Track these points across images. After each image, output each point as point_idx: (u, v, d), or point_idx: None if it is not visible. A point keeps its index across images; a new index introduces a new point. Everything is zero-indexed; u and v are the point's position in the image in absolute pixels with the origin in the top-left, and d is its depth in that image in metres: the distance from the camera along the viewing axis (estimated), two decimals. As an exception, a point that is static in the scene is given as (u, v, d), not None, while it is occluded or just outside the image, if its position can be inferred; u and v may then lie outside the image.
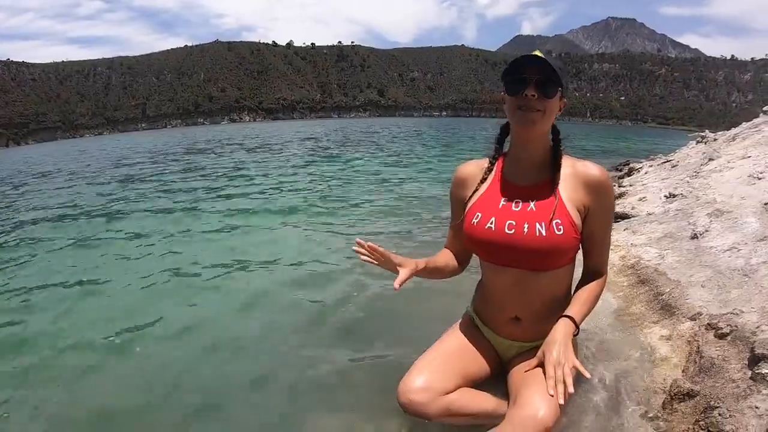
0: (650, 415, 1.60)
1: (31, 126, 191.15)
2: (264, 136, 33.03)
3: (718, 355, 1.70)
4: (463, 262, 1.84)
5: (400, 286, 1.51)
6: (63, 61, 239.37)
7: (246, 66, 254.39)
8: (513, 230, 1.48)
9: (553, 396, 1.32)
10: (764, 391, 1.44)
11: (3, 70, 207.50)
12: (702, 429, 1.42)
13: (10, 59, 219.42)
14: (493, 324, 1.71)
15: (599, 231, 1.55)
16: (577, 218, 1.48)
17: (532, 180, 1.55)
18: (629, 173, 6.13)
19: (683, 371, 1.75)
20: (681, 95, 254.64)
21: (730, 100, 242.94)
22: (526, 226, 1.47)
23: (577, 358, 1.54)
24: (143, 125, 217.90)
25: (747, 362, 1.61)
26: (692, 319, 2.03)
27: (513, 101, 1.46)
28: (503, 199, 1.56)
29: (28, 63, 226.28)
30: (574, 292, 1.62)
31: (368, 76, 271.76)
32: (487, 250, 1.58)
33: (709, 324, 1.88)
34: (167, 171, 13.72)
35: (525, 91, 1.42)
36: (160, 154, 22.57)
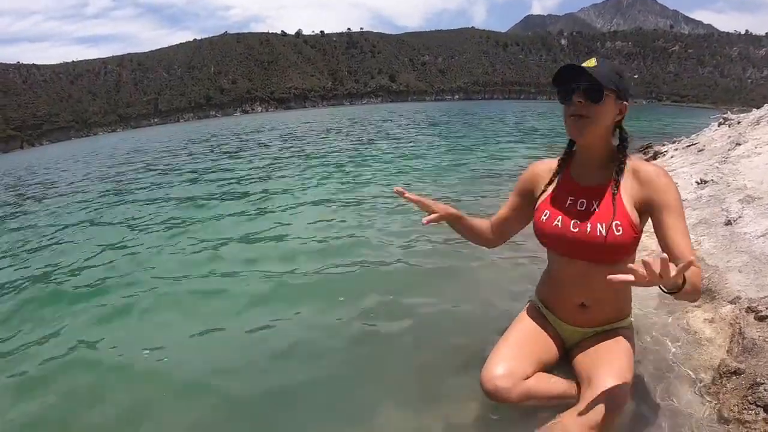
0: (702, 392, 1.75)
1: (44, 127, 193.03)
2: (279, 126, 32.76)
3: (759, 336, 1.85)
4: (499, 238, 2.01)
5: (428, 222, 1.74)
6: (73, 61, 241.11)
7: (256, 57, 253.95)
8: (577, 228, 1.62)
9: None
10: (805, 369, 1.59)
11: (14, 73, 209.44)
12: (750, 403, 1.58)
13: (20, 62, 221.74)
14: (559, 311, 1.85)
15: (669, 227, 1.53)
16: (636, 219, 1.57)
17: (595, 180, 1.67)
18: (654, 157, 6.18)
19: (728, 351, 1.90)
20: (695, 72, 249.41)
21: (746, 75, 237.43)
22: (588, 226, 1.60)
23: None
24: (156, 120, 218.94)
25: (787, 342, 1.76)
26: (732, 302, 2.17)
27: (565, 111, 1.59)
28: (569, 198, 1.69)
29: (39, 65, 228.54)
30: None
31: (379, 62, 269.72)
32: (555, 244, 1.74)
33: (749, 307, 2.03)
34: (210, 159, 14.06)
35: (573, 99, 1.54)
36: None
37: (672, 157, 5.64)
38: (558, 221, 1.67)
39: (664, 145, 7.32)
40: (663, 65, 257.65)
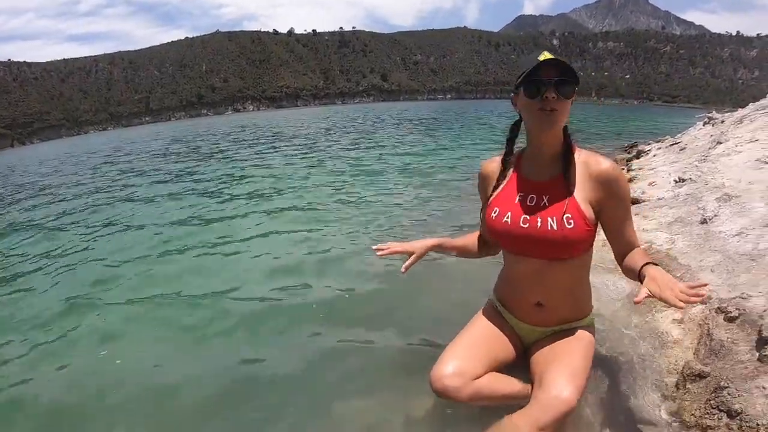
0: (665, 394, 1.70)
1: (35, 125, 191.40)
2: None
3: (728, 338, 1.80)
4: (495, 247, 1.97)
5: (406, 270, 1.84)
6: (64, 59, 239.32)
7: (247, 55, 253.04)
8: (527, 224, 1.59)
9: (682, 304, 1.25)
10: (771, 371, 1.54)
11: (4, 71, 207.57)
12: (713, 408, 1.52)
13: (11, 60, 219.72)
14: (516, 310, 1.81)
15: (618, 221, 1.59)
16: (588, 211, 1.55)
17: (546, 176, 1.63)
18: (638, 156, 6.16)
19: (695, 353, 1.85)
20: (687, 73, 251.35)
21: (737, 77, 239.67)
22: (539, 220, 1.57)
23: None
24: (147, 119, 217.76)
25: (755, 344, 1.70)
26: (703, 303, 2.12)
27: (534, 104, 1.51)
28: (519, 194, 1.65)
29: (30, 62, 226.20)
30: (623, 266, 1.61)
31: (371, 61, 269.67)
32: (506, 242, 1.70)
33: (719, 308, 1.97)
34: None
35: (545, 94, 1.47)
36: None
37: (654, 156, 5.62)
38: (507, 217, 1.64)
39: (648, 144, 7.30)
40: (654, 66, 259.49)
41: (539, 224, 1.57)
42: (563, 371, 1.51)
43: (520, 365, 1.78)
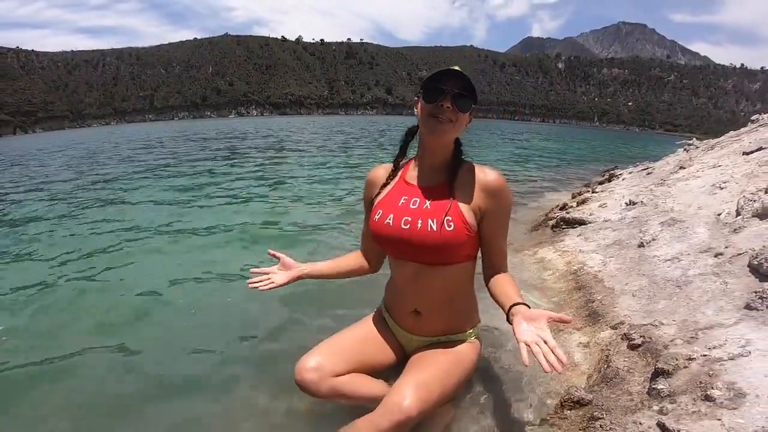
0: (543, 418, 1.62)
1: (39, 114, 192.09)
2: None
3: (625, 366, 1.68)
4: (374, 262, 1.95)
5: (267, 289, 1.77)
6: (72, 51, 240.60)
7: (255, 60, 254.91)
8: (408, 225, 1.57)
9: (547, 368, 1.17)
10: (654, 407, 1.42)
11: (12, 58, 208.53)
12: (585, 438, 1.41)
13: (19, 47, 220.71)
14: (396, 316, 1.81)
15: (496, 232, 1.61)
16: (471, 218, 1.55)
17: (432, 182, 1.64)
18: (609, 179, 6.07)
19: (587, 379, 1.73)
20: (689, 102, 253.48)
21: (739, 108, 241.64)
22: (419, 222, 1.56)
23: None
24: (150, 116, 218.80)
25: (649, 376, 1.58)
26: (614, 328, 2.01)
27: (428, 109, 1.53)
28: (403, 198, 1.65)
29: (37, 51, 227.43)
30: (491, 288, 1.63)
31: (376, 74, 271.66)
32: (386, 244, 1.67)
33: (624, 334, 1.86)
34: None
35: (441, 102, 1.50)
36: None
37: (624, 179, 5.52)
38: (389, 219, 1.62)
39: (626, 168, 7.23)
40: (658, 94, 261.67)
41: (419, 225, 1.55)
42: (413, 381, 1.48)
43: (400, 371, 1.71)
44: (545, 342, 1.20)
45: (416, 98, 1.62)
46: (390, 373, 1.75)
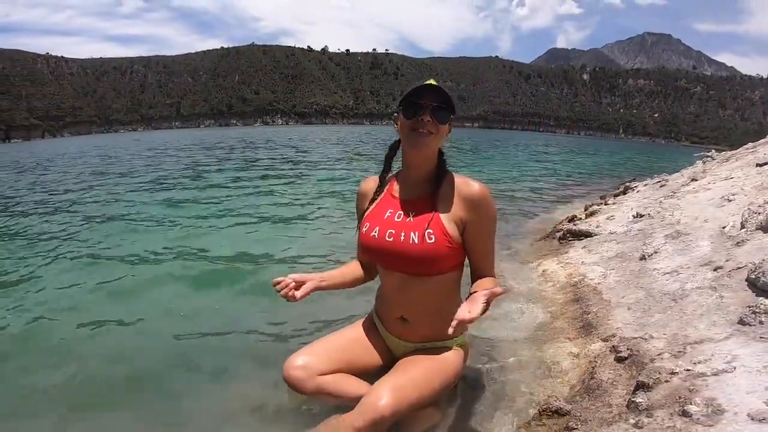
0: (520, 425, 1.63)
1: (67, 119, 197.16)
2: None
3: (609, 378, 1.67)
4: (370, 270, 1.97)
5: (300, 297, 1.68)
6: (101, 58, 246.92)
7: (281, 70, 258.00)
8: (392, 238, 1.64)
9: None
10: (631, 420, 1.40)
11: (42, 63, 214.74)
12: (560, 448, 1.40)
13: (49, 53, 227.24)
14: (385, 322, 1.87)
15: (481, 242, 1.66)
16: (453, 230, 1.60)
17: (415, 194, 1.70)
18: (624, 192, 5.98)
19: (570, 389, 1.72)
20: (716, 114, 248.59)
21: (766, 120, 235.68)
22: (402, 234, 1.62)
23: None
24: (177, 124, 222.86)
25: (632, 389, 1.56)
26: (605, 340, 1.99)
27: (409, 124, 1.59)
28: (388, 211, 1.72)
29: (67, 58, 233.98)
30: (471, 290, 1.64)
31: (401, 84, 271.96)
32: (373, 255, 1.75)
33: (612, 347, 1.84)
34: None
35: (421, 116, 1.57)
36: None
37: (638, 192, 5.44)
38: (375, 232, 1.69)
39: (641, 181, 7.12)
40: (684, 105, 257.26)
41: (402, 238, 1.62)
42: (390, 383, 1.53)
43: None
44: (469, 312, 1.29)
45: (395, 115, 1.68)
46: (378, 375, 1.76)
